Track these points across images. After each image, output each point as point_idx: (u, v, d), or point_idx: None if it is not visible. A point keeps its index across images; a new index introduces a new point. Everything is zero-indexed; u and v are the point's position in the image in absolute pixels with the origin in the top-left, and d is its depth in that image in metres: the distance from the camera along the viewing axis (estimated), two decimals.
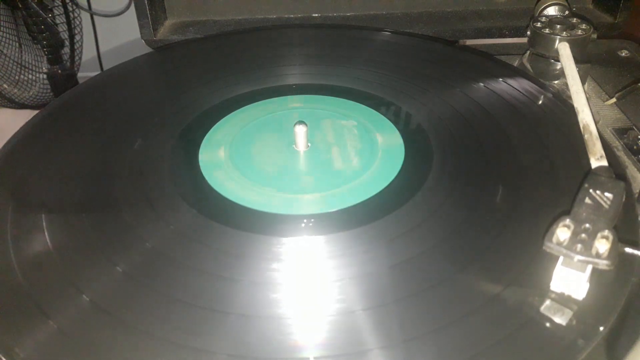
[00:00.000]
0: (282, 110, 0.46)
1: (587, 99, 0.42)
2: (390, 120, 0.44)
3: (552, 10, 0.55)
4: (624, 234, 0.30)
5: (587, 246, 0.28)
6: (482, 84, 0.47)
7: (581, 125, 0.39)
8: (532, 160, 0.38)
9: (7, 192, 0.37)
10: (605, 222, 0.29)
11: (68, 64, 0.77)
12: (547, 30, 0.49)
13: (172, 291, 0.29)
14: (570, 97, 0.43)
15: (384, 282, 0.30)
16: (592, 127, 0.38)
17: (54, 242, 0.33)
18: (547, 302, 0.28)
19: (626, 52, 0.56)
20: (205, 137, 0.43)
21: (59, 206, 0.36)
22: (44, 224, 0.34)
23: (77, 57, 0.78)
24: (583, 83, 0.45)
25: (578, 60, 0.47)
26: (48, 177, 0.38)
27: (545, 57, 0.50)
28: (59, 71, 0.75)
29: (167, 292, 0.29)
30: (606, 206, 0.30)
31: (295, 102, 0.47)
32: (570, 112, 0.42)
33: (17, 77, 0.73)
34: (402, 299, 0.29)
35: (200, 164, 0.40)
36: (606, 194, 0.31)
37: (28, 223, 0.34)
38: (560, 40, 0.49)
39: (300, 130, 0.40)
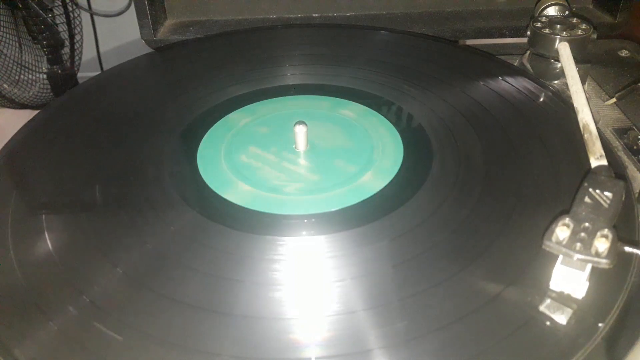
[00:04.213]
0: (282, 111, 0.46)
1: (587, 98, 0.42)
2: (390, 120, 0.44)
3: (552, 10, 0.55)
4: (623, 233, 0.30)
5: (587, 245, 0.28)
6: (482, 84, 0.47)
7: (581, 125, 0.39)
8: (532, 160, 0.38)
9: (7, 192, 0.37)
10: (604, 221, 0.29)
11: (68, 64, 0.77)
12: (547, 30, 0.49)
13: (173, 292, 0.29)
14: (570, 97, 0.43)
15: (385, 282, 0.30)
16: (592, 127, 0.38)
17: (54, 243, 0.33)
18: (547, 301, 0.28)
19: (626, 52, 0.56)
20: (205, 137, 0.43)
21: (59, 206, 0.36)
22: (44, 224, 0.34)
23: (77, 57, 0.78)
24: (583, 83, 0.45)
25: (578, 60, 0.47)
26: (48, 177, 0.38)
27: (545, 57, 0.50)
28: (59, 71, 0.75)
29: (168, 294, 0.29)
30: (606, 205, 0.30)
31: (295, 102, 0.47)
32: (570, 111, 0.42)
33: (17, 77, 0.73)
34: (403, 298, 0.29)
35: (200, 164, 0.40)
36: (606, 193, 0.31)
37: (28, 223, 0.34)
38: (560, 40, 0.49)
39: (300, 130, 0.40)
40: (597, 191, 0.31)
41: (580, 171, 0.36)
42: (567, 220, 0.29)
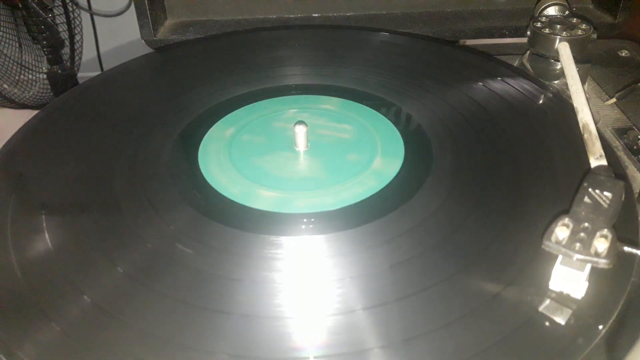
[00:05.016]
0: (282, 111, 0.46)
1: (587, 98, 0.42)
2: (390, 120, 0.44)
3: (552, 10, 0.55)
4: (623, 233, 0.30)
5: (586, 245, 0.28)
6: (482, 84, 0.47)
7: (580, 125, 0.39)
8: (531, 160, 0.38)
9: (7, 192, 0.37)
10: (604, 221, 0.29)
11: (68, 64, 0.77)
12: (547, 30, 0.49)
13: (173, 291, 0.29)
14: (570, 97, 0.43)
15: (384, 282, 0.30)
16: (592, 127, 0.38)
17: (54, 243, 0.33)
18: (547, 301, 0.28)
19: (626, 52, 0.56)
20: (205, 137, 0.43)
21: (59, 206, 0.36)
22: (44, 224, 0.34)
23: (77, 57, 0.78)
24: (583, 83, 0.45)
25: (578, 60, 0.47)
26: (48, 177, 0.38)
27: (545, 57, 0.50)
28: (59, 71, 0.75)
29: (167, 293, 0.29)
30: (605, 205, 0.30)
31: (295, 103, 0.47)
32: (569, 111, 0.42)
33: (17, 77, 0.73)
34: (402, 298, 0.29)
35: (200, 163, 0.40)
36: (605, 193, 0.31)
37: (28, 223, 0.34)
38: (560, 40, 0.49)
39: (300, 130, 0.40)
40: (597, 191, 0.31)
41: (580, 171, 0.36)
42: (566, 220, 0.29)
